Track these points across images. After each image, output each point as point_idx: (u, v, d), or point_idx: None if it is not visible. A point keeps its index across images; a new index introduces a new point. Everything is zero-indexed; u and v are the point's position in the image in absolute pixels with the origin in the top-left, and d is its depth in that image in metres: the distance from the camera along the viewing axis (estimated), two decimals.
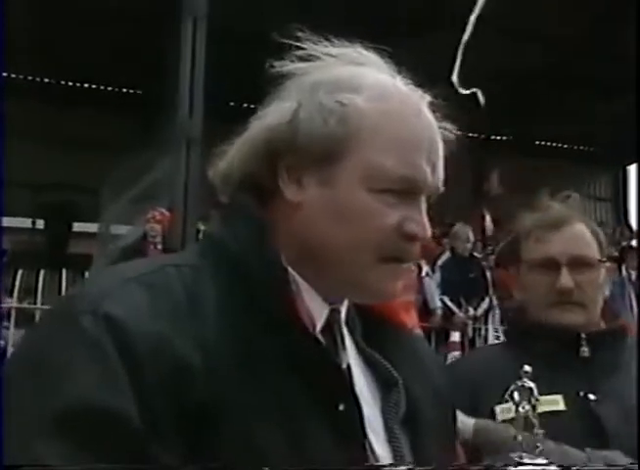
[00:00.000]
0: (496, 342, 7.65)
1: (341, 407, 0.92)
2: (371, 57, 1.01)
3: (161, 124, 7.86)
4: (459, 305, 7.74)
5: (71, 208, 9.06)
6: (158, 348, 0.82)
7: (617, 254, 9.89)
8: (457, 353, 7.61)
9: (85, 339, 0.82)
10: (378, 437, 0.98)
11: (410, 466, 0.98)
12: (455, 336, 7.68)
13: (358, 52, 1.01)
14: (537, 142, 14.11)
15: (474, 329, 7.85)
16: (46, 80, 11.83)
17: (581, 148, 14.47)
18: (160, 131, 7.68)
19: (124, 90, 12.20)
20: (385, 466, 0.96)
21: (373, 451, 0.96)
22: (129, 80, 11.73)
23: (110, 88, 12.19)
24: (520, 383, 1.07)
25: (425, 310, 7.71)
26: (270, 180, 0.97)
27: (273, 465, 0.84)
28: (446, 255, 8.10)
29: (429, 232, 0.96)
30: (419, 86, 1.00)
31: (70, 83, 12.01)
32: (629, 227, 12.82)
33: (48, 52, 10.11)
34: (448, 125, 1.00)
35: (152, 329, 0.83)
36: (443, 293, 7.81)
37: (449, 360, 7.53)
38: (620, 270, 9.00)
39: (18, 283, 7.31)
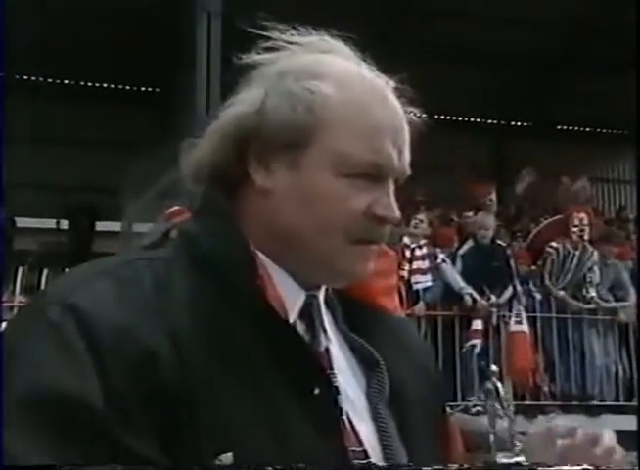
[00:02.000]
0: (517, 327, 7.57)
1: (316, 391, 0.93)
2: (337, 45, 1.03)
3: (180, 122, 7.91)
4: (482, 293, 7.65)
5: (94, 207, 9.18)
6: (122, 334, 0.85)
7: None
8: (477, 341, 7.48)
9: (49, 328, 0.84)
10: (362, 417, 0.99)
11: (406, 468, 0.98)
12: (477, 324, 7.52)
13: (324, 40, 1.03)
14: (559, 127, 13.95)
15: (498, 317, 7.70)
16: (66, 82, 11.94)
17: (604, 131, 14.27)
18: (178, 129, 7.73)
19: (142, 89, 12.28)
20: (378, 466, 0.97)
21: (355, 432, 0.97)
22: (147, 79, 11.80)
23: (127, 87, 12.28)
24: (487, 383, 1.10)
25: (449, 297, 7.69)
26: (240, 168, 0.99)
27: (247, 450, 0.85)
28: (469, 243, 8.04)
29: (397, 214, 0.99)
30: (383, 72, 1.02)
31: (90, 84, 12.12)
32: None
33: (68, 53, 10.20)
34: (414, 109, 1.02)
35: (116, 316, 0.86)
36: (466, 281, 7.69)
37: (466, 349, 7.41)
38: None
39: (44, 282, 7.42)
